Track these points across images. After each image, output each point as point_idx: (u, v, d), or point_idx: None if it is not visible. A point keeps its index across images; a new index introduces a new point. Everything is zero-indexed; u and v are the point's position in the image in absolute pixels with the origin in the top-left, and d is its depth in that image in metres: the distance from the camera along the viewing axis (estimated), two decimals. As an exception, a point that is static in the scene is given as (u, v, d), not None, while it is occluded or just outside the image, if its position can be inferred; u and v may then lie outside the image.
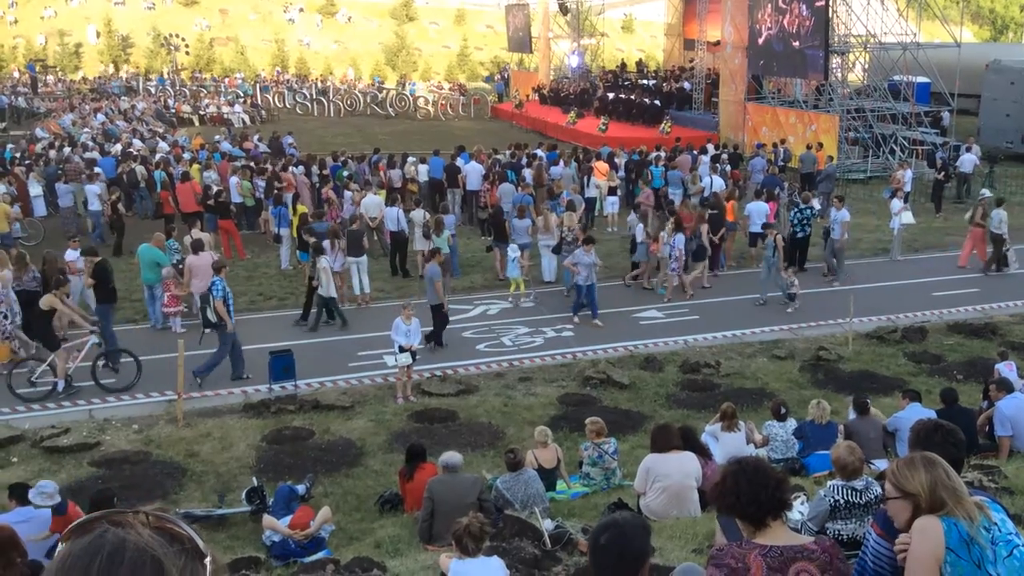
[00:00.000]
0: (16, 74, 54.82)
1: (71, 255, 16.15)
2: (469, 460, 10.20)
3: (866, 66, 30.87)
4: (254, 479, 10.46)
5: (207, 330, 13.64)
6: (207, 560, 1.26)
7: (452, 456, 8.70)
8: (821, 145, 26.38)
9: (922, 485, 3.19)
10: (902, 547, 3.23)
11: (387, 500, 10.05)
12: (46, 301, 13.36)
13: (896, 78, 30.18)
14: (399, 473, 9.91)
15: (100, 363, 13.50)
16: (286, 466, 11.14)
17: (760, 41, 31.13)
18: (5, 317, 13.94)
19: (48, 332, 13.46)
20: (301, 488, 10.10)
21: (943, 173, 24.80)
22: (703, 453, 8.75)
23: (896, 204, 19.95)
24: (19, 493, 8.11)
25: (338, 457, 11.47)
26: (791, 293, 16.69)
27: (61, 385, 13.26)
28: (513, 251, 17.52)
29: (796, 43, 29.08)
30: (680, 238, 17.24)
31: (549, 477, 9.62)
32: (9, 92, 45.52)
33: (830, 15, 28.13)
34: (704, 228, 18.08)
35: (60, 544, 1.23)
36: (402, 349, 12.98)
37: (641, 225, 18.25)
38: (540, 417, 12.32)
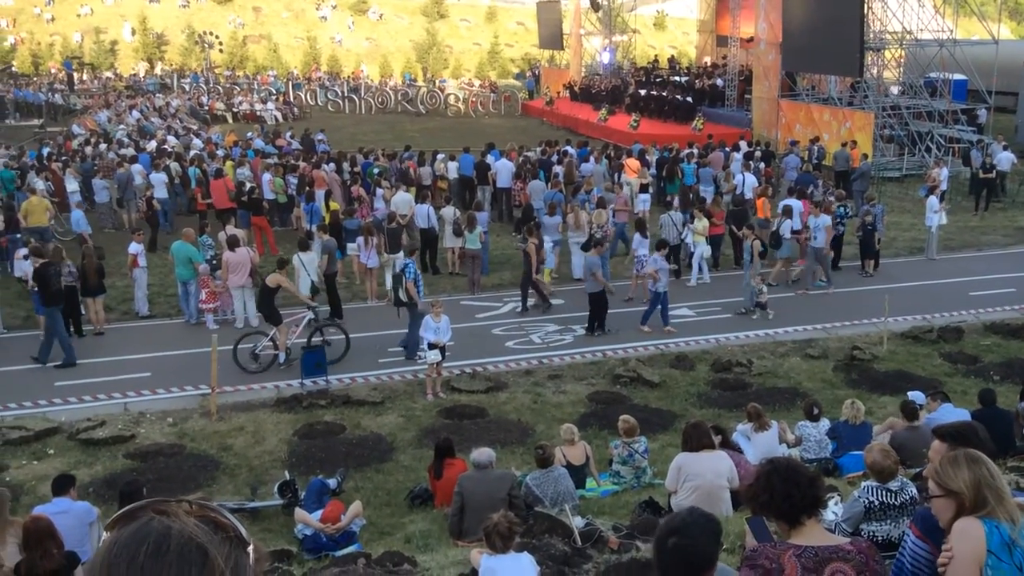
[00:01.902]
0: (53, 71, 55.55)
1: (134, 248, 16.39)
2: (498, 457, 10.18)
3: (902, 63, 30.48)
4: (286, 473, 10.54)
5: (400, 308, 14.46)
6: (250, 549, 1.27)
7: (483, 452, 8.70)
8: (855, 143, 26.08)
9: (966, 483, 3.14)
10: (945, 558, 3.18)
11: (417, 495, 10.09)
12: (273, 279, 14.06)
13: (932, 75, 29.78)
14: (428, 469, 9.94)
15: (315, 338, 14.15)
16: (317, 460, 11.22)
17: (794, 37, 30.81)
18: None
19: (272, 308, 14.08)
20: (332, 482, 10.16)
21: (990, 171, 24.30)
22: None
23: (933, 202, 19.68)
24: (59, 485, 8.21)
25: (369, 452, 11.53)
26: (759, 302, 16.12)
27: (283, 357, 14.09)
28: (548, 242, 17.56)
29: (831, 39, 28.74)
30: (637, 238, 17.00)
31: (578, 474, 9.60)
32: (46, 89, 46.14)
33: (865, 11, 27.79)
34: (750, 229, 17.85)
35: (105, 533, 1.25)
36: (431, 346, 13.02)
37: (827, 220, 17.56)
38: (569, 415, 12.31)
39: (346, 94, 49.98)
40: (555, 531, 7.26)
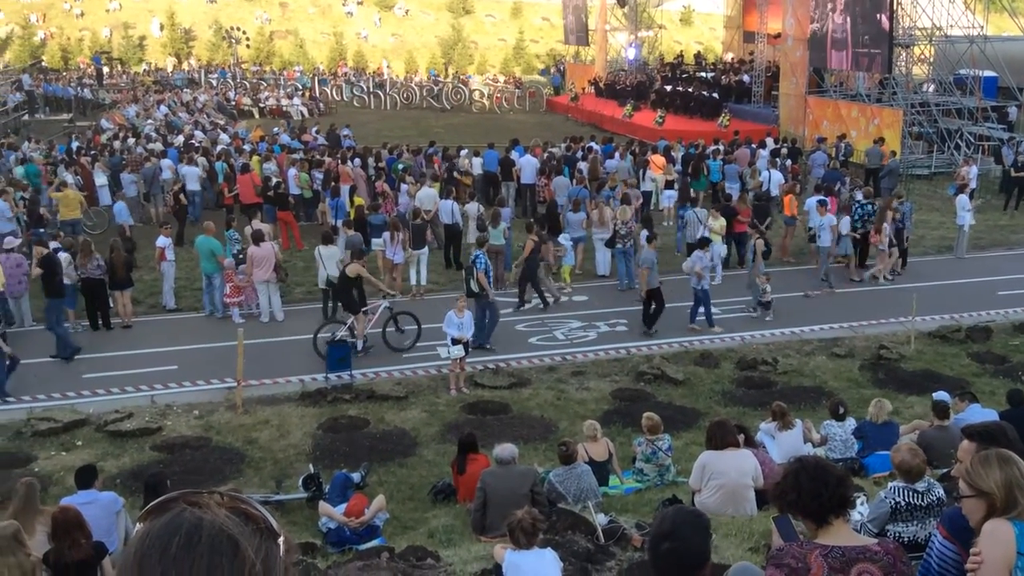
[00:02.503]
0: (82, 66, 56.08)
1: (162, 241, 16.55)
2: (521, 453, 10.18)
3: (931, 59, 30.13)
4: (311, 466, 10.60)
5: (469, 299, 14.62)
6: (280, 540, 1.27)
7: (506, 448, 8.71)
8: (883, 140, 25.83)
9: (996, 484, 3.11)
10: (975, 563, 3.15)
11: (440, 490, 10.12)
12: (352, 269, 14.41)
13: (962, 72, 29.42)
14: (451, 464, 9.96)
15: (389, 328, 14.54)
16: (342, 454, 11.28)
17: (822, 33, 30.58)
18: None
19: (350, 298, 14.39)
20: (356, 476, 10.21)
21: (1021, 169, 23.98)
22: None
23: (964, 201, 19.46)
24: (85, 477, 8.30)
25: (392, 446, 11.58)
26: (764, 301, 15.94)
27: (360, 345, 14.41)
28: (566, 240, 17.56)
29: (859, 35, 28.50)
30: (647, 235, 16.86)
31: (600, 471, 9.59)
32: (76, 84, 46.59)
33: (895, 7, 27.51)
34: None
35: (138, 524, 1.26)
36: (455, 341, 13.04)
37: (832, 219, 17.48)
38: (593, 411, 12.31)
39: (371, 90, 50.11)
40: (578, 528, 7.27)
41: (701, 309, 15.37)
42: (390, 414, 12.48)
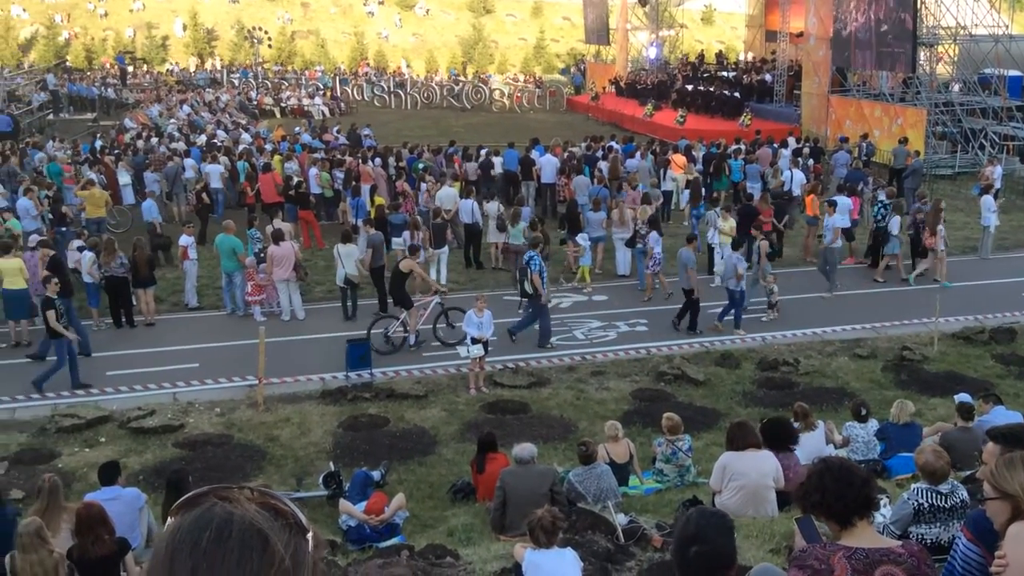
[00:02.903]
0: (106, 66, 56.54)
1: (185, 240, 16.67)
2: (541, 452, 10.19)
3: (955, 59, 29.86)
4: (331, 464, 10.66)
5: (524, 300, 14.97)
6: (309, 536, 1.28)
7: (525, 448, 8.71)
8: (907, 140, 25.62)
9: (1022, 486, 3.07)
10: (999, 567, 3.12)
11: (459, 489, 10.14)
12: (405, 264, 14.70)
13: (987, 71, 29.12)
14: (471, 463, 9.97)
15: (440, 323, 14.83)
16: (362, 452, 11.32)
17: (845, 32, 30.38)
18: None
19: (403, 293, 14.61)
20: (376, 474, 10.25)
21: None
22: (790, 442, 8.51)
23: (989, 202, 19.26)
24: (108, 473, 8.38)
25: (412, 445, 11.61)
26: (770, 302, 15.86)
27: (412, 340, 14.73)
28: (583, 240, 17.55)
29: (883, 34, 28.28)
30: (654, 235, 16.78)
31: (621, 472, 9.57)
32: (99, 83, 46.97)
33: (919, 6, 27.28)
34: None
35: (169, 518, 1.27)
36: (474, 340, 13.06)
37: (837, 220, 17.39)
38: (613, 411, 12.29)
39: (392, 89, 50.23)
40: (598, 528, 7.26)
41: (732, 309, 15.31)
42: (410, 413, 12.51)
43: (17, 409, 12.69)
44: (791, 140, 27.44)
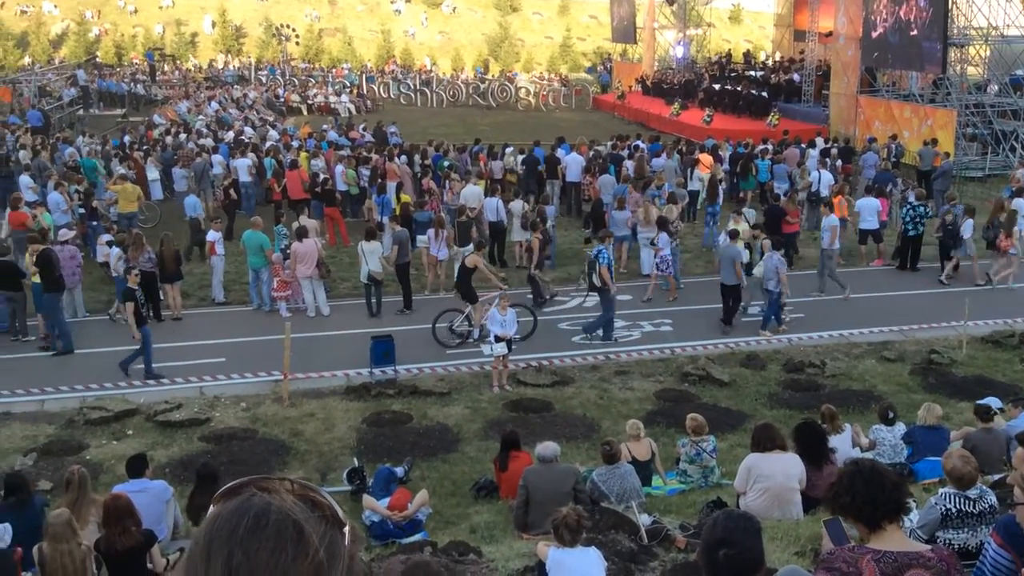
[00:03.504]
0: (136, 62, 57.05)
1: (212, 236, 16.79)
2: (564, 451, 10.18)
3: (987, 59, 29.49)
4: (355, 460, 10.70)
5: (591, 293, 15.11)
6: (346, 529, 1.30)
7: (548, 447, 8.71)
8: (936, 141, 25.34)
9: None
10: None
11: (482, 487, 10.15)
12: (471, 260, 14.87)
13: (1019, 72, 28.74)
14: (494, 461, 9.98)
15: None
16: (385, 448, 11.36)
17: (875, 32, 30.11)
18: None
19: (469, 287, 14.79)
20: (400, 471, 10.28)
21: None
22: (824, 455, 8.41)
23: (1020, 204, 19.00)
24: (136, 465, 8.46)
25: (435, 442, 11.63)
26: (781, 303, 15.59)
27: (476, 334, 14.86)
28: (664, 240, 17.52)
29: (913, 34, 28.01)
30: (664, 237, 16.69)
31: (643, 471, 9.53)
32: (129, 79, 47.41)
33: (949, 6, 26.97)
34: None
35: (212, 507, 1.29)
36: (498, 339, 13.06)
37: (835, 220, 17.21)
38: (636, 411, 12.24)
39: (418, 87, 50.34)
40: (621, 527, 7.24)
41: (769, 309, 15.29)
42: (433, 410, 12.54)
43: (46, 401, 12.85)
44: (819, 140, 27.24)
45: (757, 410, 12.40)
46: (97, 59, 55.67)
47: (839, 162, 24.10)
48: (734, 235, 15.68)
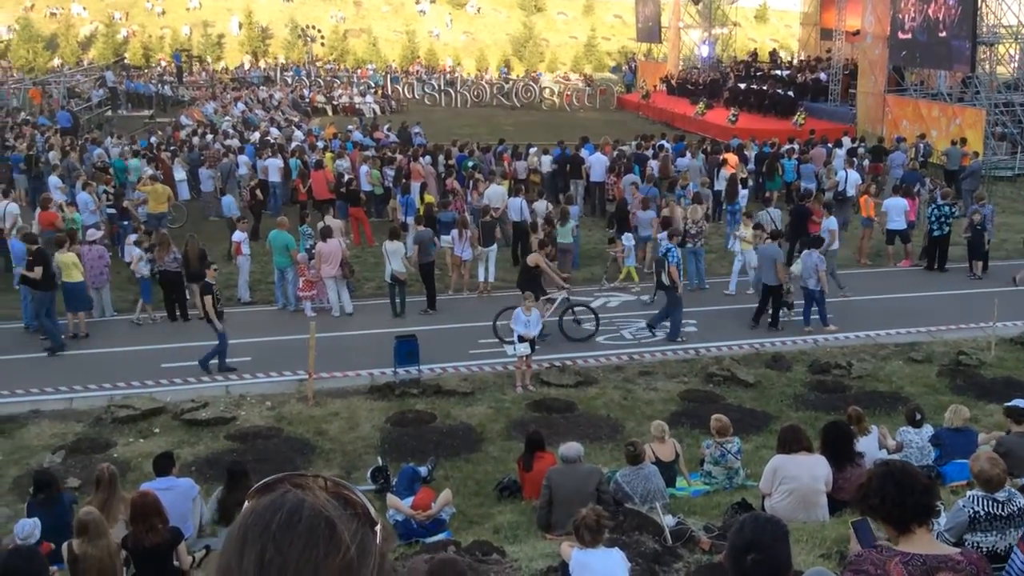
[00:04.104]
0: (163, 63, 57.55)
1: (238, 236, 16.91)
2: (587, 452, 10.16)
3: (1017, 58, 29.13)
4: (379, 459, 10.73)
5: (659, 291, 15.20)
6: (377, 528, 1.32)
7: (571, 447, 8.69)
8: (965, 140, 25.06)
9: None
10: None
11: (505, 487, 10.14)
12: (532, 258, 14.89)
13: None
14: (518, 461, 9.98)
15: (567, 317, 15.00)
16: (409, 448, 11.39)
17: (903, 31, 29.83)
18: None
19: (536, 286, 14.74)
20: (424, 470, 10.30)
21: None
22: (850, 456, 8.33)
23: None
24: (162, 463, 8.53)
25: (458, 442, 11.65)
26: (788, 301, 15.54)
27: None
28: (627, 240, 17.45)
29: (942, 33, 27.73)
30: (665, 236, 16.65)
31: (668, 472, 9.50)
32: (156, 81, 47.83)
33: (979, 4, 26.67)
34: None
35: (247, 502, 1.31)
36: (521, 339, 13.05)
37: (834, 222, 17.12)
38: (660, 412, 12.20)
39: (442, 88, 50.43)
40: (645, 528, 7.21)
41: (811, 307, 15.26)
42: (456, 409, 12.56)
43: (74, 399, 12.99)
44: (846, 140, 27.02)
45: (782, 411, 12.32)
46: (125, 60, 56.19)
47: (867, 161, 23.88)
48: (776, 235, 15.59)
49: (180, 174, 24.41)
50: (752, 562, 2.78)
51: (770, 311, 15.39)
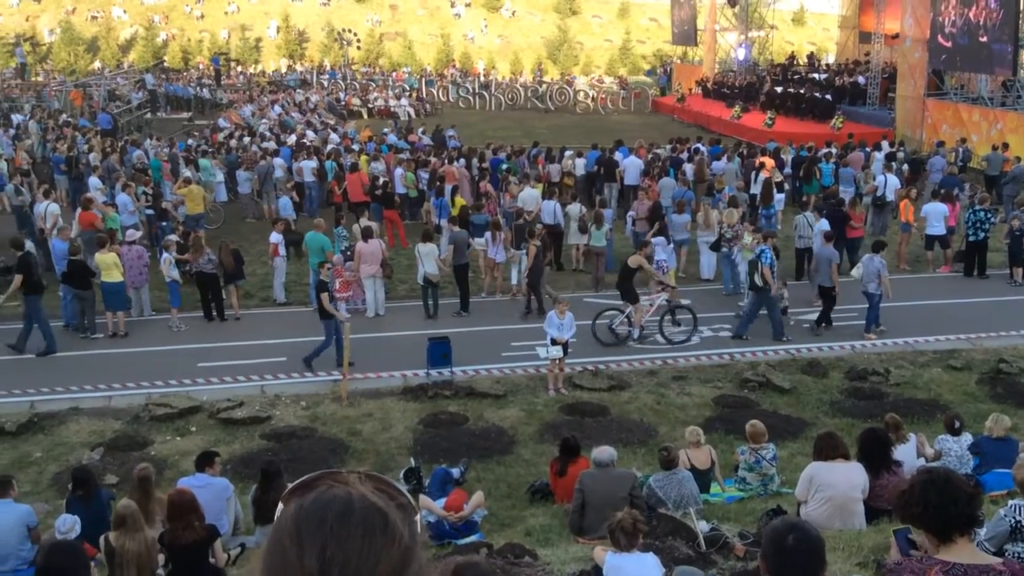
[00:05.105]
0: (201, 66, 58.22)
1: (275, 238, 17.08)
2: (620, 456, 10.11)
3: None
4: (412, 460, 10.77)
5: (751, 292, 15.26)
6: (417, 517, 1.35)
7: (604, 451, 8.67)
8: (1007, 145, 24.66)
9: None
10: None
11: (537, 490, 10.13)
12: (633, 260, 14.99)
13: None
14: (550, 465, 9.95)
15: (666, 318, 15.15)
16: (441, 449, 11.42)
17: (943, 34, 29.43)
18: None
19: (630, 287, 14.96)
20: (456, 472, 10.32)
21: None
22: (887, 463, 8.22)
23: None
24: (201, 460, 8.63)
25: (491, 444, 11.66)
26: (781, 307, 15.40)
27: (636, 334, 15.04)
28: (659, 244, 17.35)
29: (983, 37, 27.32)
30: (661, 240, 16.60)
31: (703, 479, 9.43)
32: (195, 84, 48.40)
33: (1021, 7, 26.23)
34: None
35: (280, 504, 1.31)
36: (554, 342, 13.03)
37: (825, 224, 16.93)
38: (694, 417, 12.13)
39: (477, 91, 50.55)
40: (679, 534, 7.17)
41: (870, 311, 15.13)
42: (489, 411, 12.57)
43: (113, 397, 13.17)
44: (884, 144, 26.70)
45: (818, 418, 12.19)
46: (164, 63, 56.97)
47: (906, 167, 23.57)
48: (829, 237, 15.47)
49: (218, 176, 24.70)
50: (794, 540, 2.76)
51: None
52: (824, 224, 16.64)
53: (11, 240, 15.80)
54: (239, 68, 58.43)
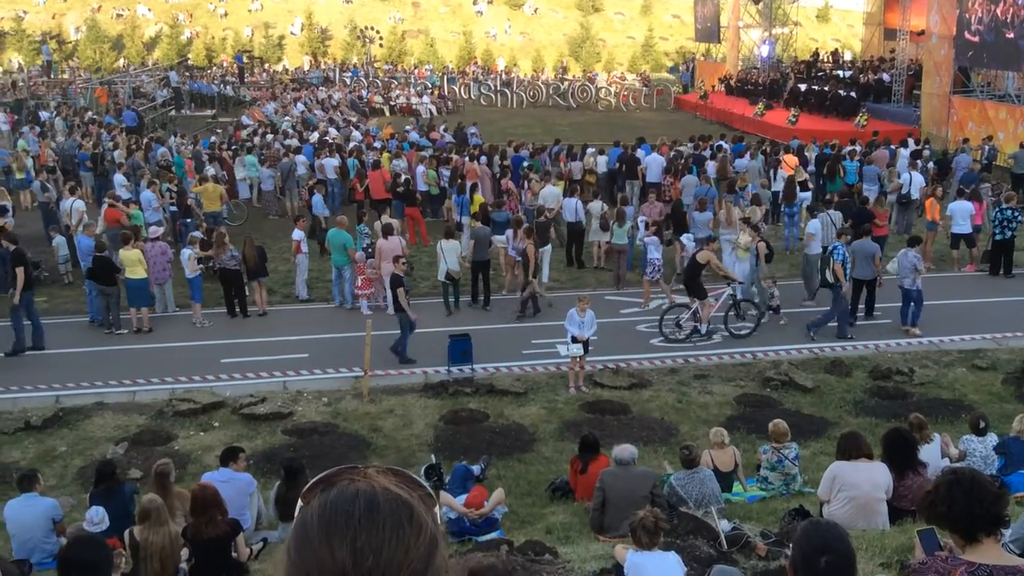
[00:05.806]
0: (225, 64, 58.55)
1: (297, 234, 17.16)
2: (641, 455, 10.09)
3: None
4: (432, 456, 10.79)
5: (820, 288, 15.25)
6: (436, 508, 1.36)
7: (625, 449, 8.65)
8: (1034, 143, 24.38)
9: None
10: None
11: (558, 487, 10.12)
12: (703, 256, 14.85)
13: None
14: (571, 463, 9.94)
15: (731, 313, 15.12)
16: (462, 446, 11.44)
17: (969, 31, 29.11)
18: None
19: (697, 283, 14.89)
20: (477, 469, 10.33)
21: None
22: (911, 463, 8.14)
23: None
24: (226, 455, 8.68)
25: (511, 441, 11.67)
26: (772, 305, 15.42)
27: (703, 329, 15.01)
28: (688, 240, 17.27)
29: (1010, 34, 26.99)
30: (654, 241, 16.51)
31: (726, 480, 9.39)
32: (219, 81, 48.68)
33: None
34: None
35: (301, 500, 1.32)
36: (575, 340, 13.01)
37: (817, 225, 16.94)
38: (716, 416, 12.08)
39: (499, 88, 50.52)
40: (700, 533, 7.14)
41: (908, 307, 15.08)
42: (509, 409, 12.57)
43: (137, 392, 13.29)
44: (910, 141, 26.46)
45: (842, 417, 12.11)
46: (189, 61, 57.33)
47: (931, 164, 23.34)
48: (864, 233, 15.46)
49: (241, 173, 24.83)
50: (827, 564, 2.75)
51: (862, 305, 15.40)
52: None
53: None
54: (263, 66, 58.66)
